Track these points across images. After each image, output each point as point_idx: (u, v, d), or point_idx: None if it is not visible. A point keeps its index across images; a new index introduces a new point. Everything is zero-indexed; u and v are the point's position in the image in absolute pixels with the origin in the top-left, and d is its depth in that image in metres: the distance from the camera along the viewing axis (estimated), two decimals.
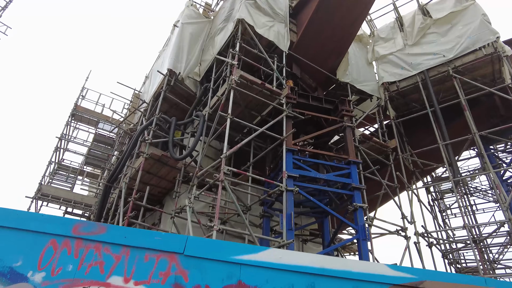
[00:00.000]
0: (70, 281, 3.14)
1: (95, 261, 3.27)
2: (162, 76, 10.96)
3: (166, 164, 9.32)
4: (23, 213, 3.49)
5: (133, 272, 3.24)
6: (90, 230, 3.40)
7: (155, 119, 9.53)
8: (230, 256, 3.38)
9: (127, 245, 3.37)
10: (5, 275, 3.11)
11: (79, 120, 12.92)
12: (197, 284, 3.23)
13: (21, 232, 3.36)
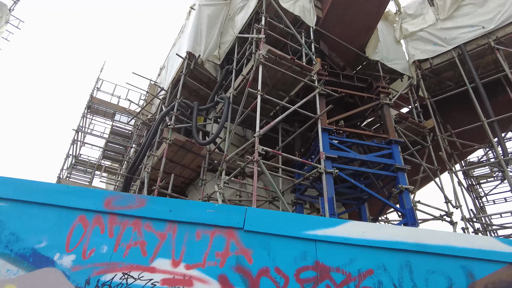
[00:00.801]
0: (105, 265, 2.47)
1: (135, 241, 2.59)
2: (180, 61, 10.33)
3: (190, 151, 8.65)
4: (45, 185, 2.84)
5: (183, 254, 2.56)
6: (127, 203, 2.72)
7: (177, 104, 8.88)
8: (302, 231, 2.67)
9: (172, 220, 2.68)
10: (27, 258, 2.46)
11: (95, 113, 12.38)
12: (264, 266, 2.53)
13: (43, 207, 2.70)
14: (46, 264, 2.44)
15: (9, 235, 2.55)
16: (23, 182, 2.80)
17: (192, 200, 3.01)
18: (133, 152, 13.45)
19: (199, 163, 9.07)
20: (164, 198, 2.86)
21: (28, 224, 2.61)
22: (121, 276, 2.42)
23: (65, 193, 2.76)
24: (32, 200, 2.70)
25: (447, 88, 11.08)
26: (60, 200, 2.70)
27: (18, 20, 13.54)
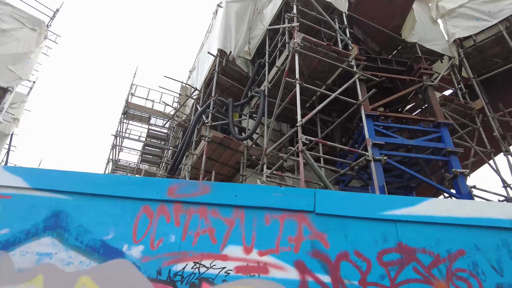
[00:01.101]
0: (176, 255, 2.37)
1: (203, 229, 2.48)
2: (211, 60, 10.31)
3: (228, 147, 8.59)
4: (107, 177, 2.80)
5: (254, 239, 2.41)
6: (190, 191, 2.62)
7: (212, 102, 8.84)
8: (379, 211, 2.45)
9: (239, 205, 2.55)
10: (97, 250, 2.41)
11: (132, 118, 12.65)
12: (342, 250, 2.34)
13: (107, 199, 2.65)
14: (116, 255, 2.38)
15: (78, 228, 2.52)
16: (87, 175, 2.78)
17: (256, 185, 2.89)
18: (170, 154, 13.63)
19: (238, 160, 8.99)
20: (228, 183, 2.74)
21: (94, 216, 2.57)
22: (192, 266, 2.31)
23: (128, 184, 2.70)
24: (96, 193, 2.66)
25: (493, 66, 10.34)
26: (123, 191, 2.65)
27: (55, 35, 14.11)
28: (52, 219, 2.57)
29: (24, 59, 12.62)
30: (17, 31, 12.61)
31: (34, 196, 2.69)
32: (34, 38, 13.12)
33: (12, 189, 2.73)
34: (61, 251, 2.42)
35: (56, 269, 2.34)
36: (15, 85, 12.33)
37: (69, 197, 2.66)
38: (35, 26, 13.21)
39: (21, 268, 2.37)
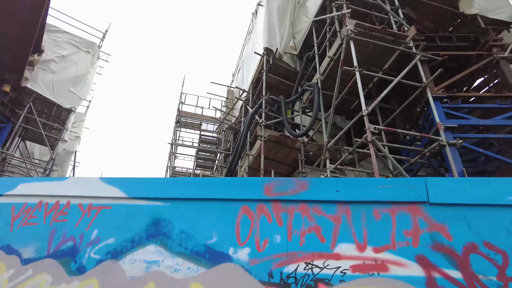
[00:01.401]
0: (284, 256, 2.28)
1: (308, 227, 2.36)
2: (258, 60, 10.27)
3: (285, 145, 8.47)
4: (200, 180, 2.80)
5: (366, 236, 2.25)
6: (288, 188, 2.52)
7: (264, 101, 8.78)
8: (507, 196, 2.17)
9: (343, 201, 2.40)
10: (203, 255, 2.39)
11: (184, 125, 13.01)
12: (469, 241, 2.10)
13: (204, 203, 2.63)
14: (223, 259, 2.34)
15: (180, 234, 2.52)
16: (181, 180, 2.80)
17: (358, 178, 2.74)
18: (223, 157, 13.80)
19: (294, 157, 8.84)
20: (327, 178, 2.60)
21: (194, 221, 2.56)
22: (304, 267, 2.21)
23: (223, 185, 2.67)
24: (192, 197, 2.65)
25: None
26: (219, 193, 2.61)
27: (107, 55, 14.92)
28: (153, 227, 2.60)
29: (82, 81, 13.46)
30: (74, 55, 13.49)
31: (132, 205, 2.75)
32: (89, 60, 13.96)
33: (111, 199, 2.81)
34: (167, 258, 2.43)
35: (165, 276, 2.35)
36: (77, 106, 13.20)
37: (166, 203, 2.68)
38: (88, 49, 14.05)
39: (132, 276, 2.41)
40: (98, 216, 2.77)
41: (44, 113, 13.19)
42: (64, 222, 2.83)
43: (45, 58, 12.65)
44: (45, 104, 12.75)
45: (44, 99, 12.46)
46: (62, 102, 12.73)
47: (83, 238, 2.68)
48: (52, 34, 13.08)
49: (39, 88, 12.22)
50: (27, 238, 2.83)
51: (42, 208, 2.95)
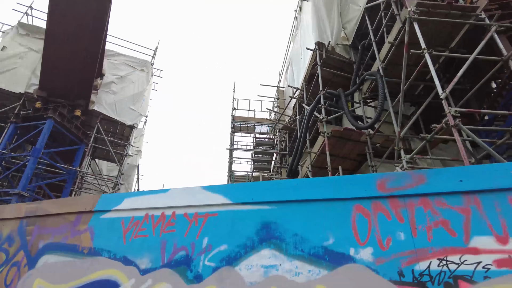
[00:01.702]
0: (412, 254, 2.15)
1: (433, 221, 2.21)
2: (309, 56, 10.11)
3: (349, 139, 8.21)
4: (304, 182, 2.76)
5: (505, 227, 2.05)
6: (403, 183, 2.38)
7: (322, 96, 8.60)
8: None
9: (469, 191, 2.21)
10: (322, 257, 2.34)
11: (239, 130, 13.23)
12: None
13: (313, 204, 2.59)
14: (345, 260, 2.27)
15: (293, 236, 2.50)
16: (284, 183, 2.79)
17: (482, 165, 2.57)
18: (279, 158, 13.78)
19: (360, 151, 8.54)
20: (447, 169, 2.43)
21: (305, 223, 2.52)
22: (438, 263, 2.06)
23: (330, 185, 2.61)
24: (299, 199, 2.62)
25: None
26: (327, 193, 2.55)
27: (159, 71, 15.66)
28: (263, 231, 2.61)
29: (140, 98, 14.22)
30: (131, 75, 14.31)
31: (238, 211, 2.79)
32: (144, 78, 14.73)
33: (216, 206, 2.87)
34: (285, 262, 2.41)
35: (286, 280, 2.34)
36: (138, 122, 13.97)
37: (273, 206, 2.68)
38: (143, 67, 14.83)
39: (252, 282, 2.43)
40: (206, 224, 2.84)
41: (109, 131, 14.15)
42: (172, 232, 2.95)
43: (106, 81, 13.58)
44: (110, 123, 13.66)
45: (109, 119, 13.38)
46: (125, 120, 13.57)
47: (195, 247, 2.77)
48: (109, 58, 14.02)
49: (104, 109, 13.14)
50: (140, 249, 2.99)
51: (149, 220, 3.11)
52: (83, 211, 3.48)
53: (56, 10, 10.85)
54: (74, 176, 11.99)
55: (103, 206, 3.40)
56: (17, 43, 12.89)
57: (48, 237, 3.57)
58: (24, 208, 3.97)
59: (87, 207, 3.46)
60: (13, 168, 10.83)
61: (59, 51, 11.53)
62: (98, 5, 10.87)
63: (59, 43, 11.42)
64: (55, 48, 11.51)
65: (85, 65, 11.89)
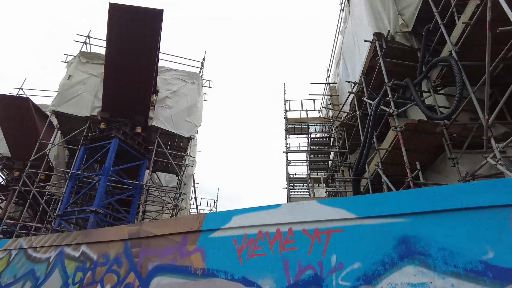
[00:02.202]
0: None
1: None
2: (366, 48, 9.67)
3: (423, 132, 7.67)
4: (442, 189, 2.49)
5: None
6: None
7: (389, 89, 8.14)
8: None
9: None
10: (484, 273, 2.07)
11: (292, 131, 13.03)
12: None
13: (455, 214, 2.32)
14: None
15: (440, 251, 2.26)
16: (416, 192, 2.56)
17: None
18: (334, 157, 13.37)
19: (434, 143, 7.96)
20: None
21: (452, 235, 2.27)
22: None
23: (475, 192, 2.33)
24: (438, 209, 2.37)
25: None
26: (473, 201, 2.28)
27: (208, 81, 15.95)
28: (401, 246, 2.39)
29: (194, 109, 14.55)
30: (183, 88, 14.70)
31: (365, 225, 2.60)
32: (195, 90, 15.06)
33: (339, 221, 2.70)
34: (436, 279, 2.18)
35: None
36: (194, 133, 14.29)
37: (407, 219, 2.45)
38: (193, 80, 15.18)
39: None
40: (330, 241, 2.68)
41: (167, 144, 14.61)
42: (293, 250, 2.82)
43: (161, 97, 14.07)
44: (168, 136, 14.10)
45: (166, 133, 13.83)
46: (182, 132, 13.94)
47: (323, 265, 2.61)
48: (161, 74, 14.51)
49: (162, 124, 13.61)
50: (259, 269, 2.90)
51: (264, 238, 3.01)
52: (189, 231, 3.48)
53: (114, 38, 11.43)
54: (140, 191, 12.50)
55: (210, 225, 3.37)
56: (79, 70, 13.78)
57: (155, 258, 3.62)
58: (126, 230, 4.09)
59: (192, 227, 3.46)
60: (87, 187, 11.53)
61: (118, 73, 12.14)
62: (151, 24, 11.28)
63: (117, 67, 12.03)
64: (114, 72, 12.14)
65: (142, 84, 12.40)
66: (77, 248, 4.48)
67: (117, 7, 10.97)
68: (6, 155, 16.37)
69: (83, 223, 12.22)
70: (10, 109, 14.96)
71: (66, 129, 13.87)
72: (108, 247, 4.09)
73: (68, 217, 11.24)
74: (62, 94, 13.11)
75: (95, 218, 10.46)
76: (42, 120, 16.04)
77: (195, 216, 3.44)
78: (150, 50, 11.87)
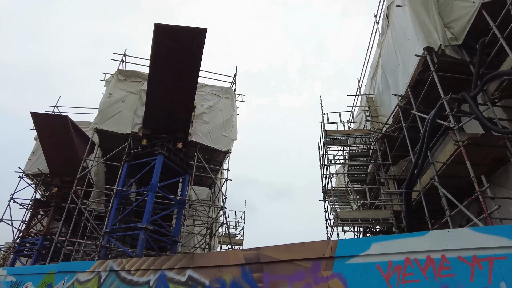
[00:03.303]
0: None
1: None
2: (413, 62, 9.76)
3: (486, 146, 7.69)
4: None
5: None
6: None
7: (445, 103, 8.19)
8: None
9: None
10: None
11: (331, 144, 13.08)
12: None
13: None
14: None
15: None
16: None
17: None
18: (372, 168, 13.36)
19: (495, 156, 7.97)
20: None
21: None
22: None
23: None
24: None
25: None
26: None
27: (241, 95, 16.14)
28: None
29: (230, 124, 14.70)
30: (218, 103, 14.89)
31: None
32: (229, 104, 15.24)
33: (501, 249, 2.74)
34: None
35: None
36: (231, 147, 14.42)
37: None
38: (227, 95, 15.38)
39: None
40: (495, 268, 2.71)
41: (204, 158, 14.76)
42: (451, 277, 2.86)
43: (198, 112, 14.26)
44: (205, 151, 14.24)
45: (205, 147, 13.97)
46: (220, 147, 14.09)
47: None
48: (198, 90, 14.72)
49: (201, 139, 13.77)
50: None
51: (413, 265, 3.05)
52: (320, 257, 3.53)
53: (157, 56, 11.68)
54: (183, 206, 12.61)
55: (345, 251, 3.43)
56: (118, 88, 14.06)
57: (284, 283, 3.67)
58: (241, 254, 4.15)
59: (324, 253, 3.51)
60: (135, 204, 11.67)
61: (160, 91, 12.37)
62: (194, 43, 11.52)
63: (160, 84, 12.26)
64: (157, 89, 12.37)
65: (183, 101, 12.61)
66: (181, 272, 4.55)
67: (162, 27, 11.23)
68: (45, 172, 16.66)
69: (131, 240, 12.33)
70: (50, 127, 15.29)
71: (106, 146, 14.12)
72: (221, 272, 4.15)
73: (116, 234, 11.36)
74: (104, 112, 13.37)
75: (145, 235, 10.57)
76: (79, 136, 16.36)
77: (325, 242, 3.51)
78: (192, 68, 12.10)
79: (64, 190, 16.05)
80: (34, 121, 15.50)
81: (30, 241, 14.96)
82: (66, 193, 15.99)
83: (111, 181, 14.33)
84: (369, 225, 11.11)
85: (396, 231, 10.87)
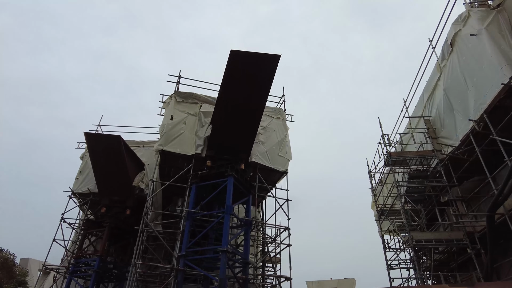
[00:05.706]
0: None
1: None
2: (488, 88, 9.90)
3: None
4: None
5: None
6: None
7: None
8: None
9: None
10: None
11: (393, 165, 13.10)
12: None
13: None
14: None
15: None
16: None
17: None
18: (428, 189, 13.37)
19: None
20: None
21: None
22: None
23: None
24: None
25: None
26: None
27: (290, 115, 16.15)
28: None
29: (284, 144, 14.65)
30: (271, 124, 14.86)
31: None
32: (281, 124, 15.22)
33: None
34: None
35: None
36: (288, 167, 14.35)
37: None
38: (278, 115, 15.37)
39: None
40: None
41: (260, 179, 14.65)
42: None
43: None
44: (264, 172, 14.11)
45: (264, 168, 13.87)
46: (278, 167, 13.98)
47: None
48: None
49: (260, 160, 13.66)
50: None
51: None
52: None
53: (229, 80, 11.64)
54: (250, 227, 12.43)
55: None
56: (177, 110, 13.96)
57: None
58: None
59: None
60: (209, 226, 11.45)
61: (228, 113, 12.30)
62: (267, 68, 11.56)
63: (229, 106, 12.22)
64: (224, 111, 12.32)
65: (249, 123, 12.56)
66: None
67: (237, 53, 11.23)
68: (93, 191, 16.32)
69: (205, 263, 12.04)
70: (102, 147, 15.06)
71: (164, 166, 13.96)
72: None
73: (192, 257, 11.12)
74: (168, 134, 13.22)
75: (225, 258, 10.36)
76: (128, 156, 16.14)
77: None
78: (262, 92, 12.11)
79: (114, 210, 15.76)
80: (87, 141, 15.25)
81: (85, 261, 14.53)
82: (117, 212, 15.72)
83: (164, 201, 14.18)
84: (436, 246, 11.09)
85: (471, 252, 10.84)
